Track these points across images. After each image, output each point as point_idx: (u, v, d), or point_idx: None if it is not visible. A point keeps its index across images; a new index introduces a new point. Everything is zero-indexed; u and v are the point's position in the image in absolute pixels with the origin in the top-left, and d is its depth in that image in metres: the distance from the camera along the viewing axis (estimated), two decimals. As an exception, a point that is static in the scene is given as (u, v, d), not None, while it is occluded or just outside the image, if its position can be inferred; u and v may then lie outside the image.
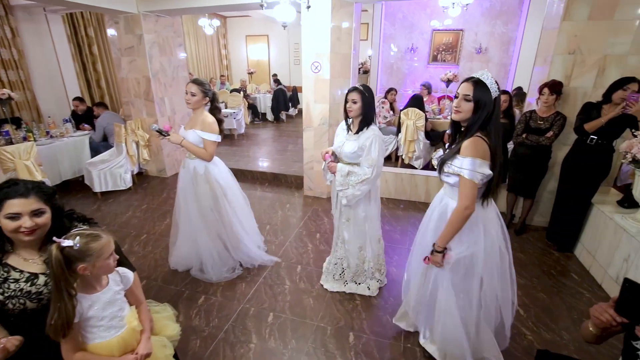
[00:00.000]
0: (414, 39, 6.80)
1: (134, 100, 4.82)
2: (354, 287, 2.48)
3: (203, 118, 2.40)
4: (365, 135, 2.11)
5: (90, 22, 6.39)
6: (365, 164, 2.11)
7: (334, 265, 2.51)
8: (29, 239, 1.19)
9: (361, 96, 2.08)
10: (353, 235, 2.34)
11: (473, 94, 1.46)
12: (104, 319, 1.19)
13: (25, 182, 1.21)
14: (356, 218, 2.30)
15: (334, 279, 2.53)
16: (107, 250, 1.15)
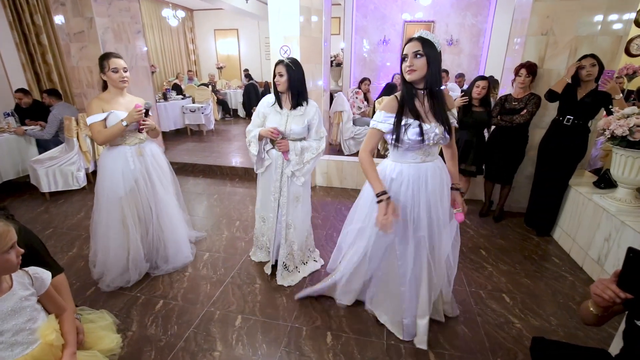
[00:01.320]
0: (386, 30, 6.72)
1: (86, 91, 4.39)
2: (306, 270, 2.42)
3: (131, 99, 2.20)
4: (311, 111, 2.13)
5: (37, 8, 5.81)
6: (316, 136, 2.16)
7: (286, 258, 2.32)
8: None
9: (287, 69, 2.03)
10: (303, 213, 2.30)
11: (422, 49, 1.43)
12: (3, 333, 0.91)
13: None
14: (305, 194, 2.28)
15: (288, 272, 2.35)
16: (2, 242, 0.87)
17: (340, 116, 4.75)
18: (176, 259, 2.45)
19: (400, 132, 1.53)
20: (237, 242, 2.81)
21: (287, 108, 2.13)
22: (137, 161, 2.22)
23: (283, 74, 2.04)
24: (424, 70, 1.45)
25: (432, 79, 1.48)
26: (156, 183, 2.32)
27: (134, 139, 2.20)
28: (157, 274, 2.39)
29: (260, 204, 2.37)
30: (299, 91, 2.09)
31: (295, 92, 2.08)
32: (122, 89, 2.14)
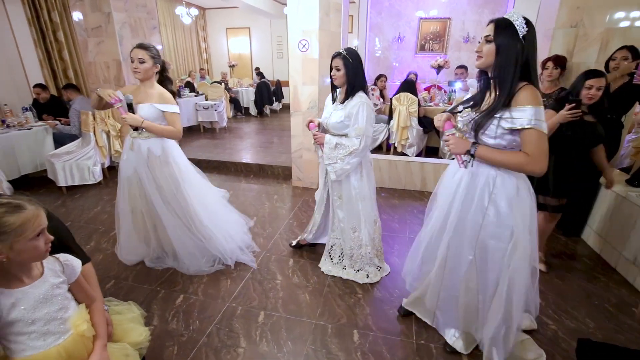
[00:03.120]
0: (401, 28, 6.63)
1: (103, 86, 4.38)
2: (352, 274, 2.26)
3: (158, 90, 2.09)
4: (352, 103, 1.95)
5: (54, 5, 5.85)
6: (353, 133, 1.97)
7: (331, 246, 2.31)
8: None
9: (344, 62, 1.91)
10: (346, 214, 2.16)
11: (494, 34, 1.24)
12: (35, 322, 0.87)
13: None
14: (348, 196, 2.13)
15: (331, 262, 2.32)
16: (31, 227, 0.83)
17: (356, 113, 4.67)
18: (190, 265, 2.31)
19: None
20: (255, 238, 2.76)
21: (338, 101, 2.04)
22: (130, 154, 2.15)
23: (340, 67, 1.92)
24: (491, 58, 1.27)
25: (498, 69, 1.26)
26: (147, 186, 2.15)
27: (131, 131, 2.14)
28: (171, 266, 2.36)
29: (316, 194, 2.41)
30: (355, 85, 1.95)
31: (351, 86, 1.95)
32: (138, 79, 2.07)
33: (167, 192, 2.18)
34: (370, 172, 2.17)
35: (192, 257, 2.30)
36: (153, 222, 2.26)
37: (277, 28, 9.60)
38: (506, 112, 1.26)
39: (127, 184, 2.19)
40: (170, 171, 2.19)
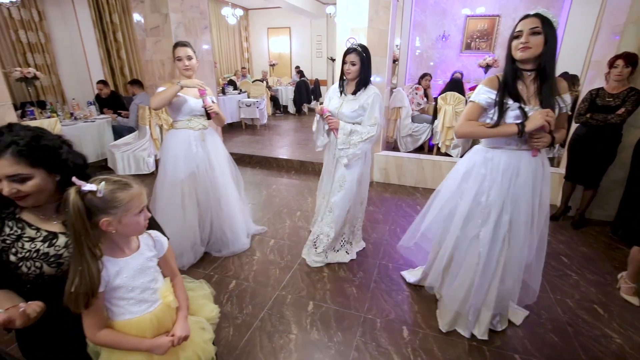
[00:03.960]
0: (446, 26, 6.45)
1: (158, 83, 4.63)
2: (335, 257, 2.40)
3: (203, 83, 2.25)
4: (366, 94, 2.09)
5: (115, 8, 6.32)
6: (368, 122, 2.09)
7: (317, 236, 2.37)
8: (22, 204, 0.97)
9: (360, 57, 2.03)
10: (345, 199, 2.25)
11: (542, 27, 1.33)
12: (134, 289, 0.96)
13: (12, 133, 0.90)
14: (352, 180, 2.22)
15: (315, 252, 2.38)
16: (136, 204, 0.92)
17: (399, 112, 4.63)
18: (234, 245, 2.49)
19: (502, 112, 1.44)
20: (300, 232, 2.83)
21: (348, 93, 2.15)
22: (200, 146, 2.28)
23: (356, 62, 2.04)
24: (539, 49, 1.36)
25: (546, 59, 1.37)
26: (216, 170, 2.36)
27: (198, 124, 2.26)
28: (218, 255, 2.47)
29: (320, 183, 2.49)
30: (367, 78, 2.09)
31: (363, 79, 2.08)
32: (188, 77, 2.18)
33: (228, 171, 2.45)
34: (369, 159, 2.33)
35: (235, 233, 2.49)
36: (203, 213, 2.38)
37: (317, 28, 9.69)
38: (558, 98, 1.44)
39: (188, 181, 2.27)
40: (224, 148, 2.49)
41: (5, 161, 0.88)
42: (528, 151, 1.51)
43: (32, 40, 5.39)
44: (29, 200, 0.94)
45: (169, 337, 0.99)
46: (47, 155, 0.94)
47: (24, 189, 0.91)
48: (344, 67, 2.07)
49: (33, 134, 0.93)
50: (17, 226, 0.98)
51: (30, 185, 0.92)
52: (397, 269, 2.33)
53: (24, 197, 0.93)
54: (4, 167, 0.88)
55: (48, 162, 0.95)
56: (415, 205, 3.37)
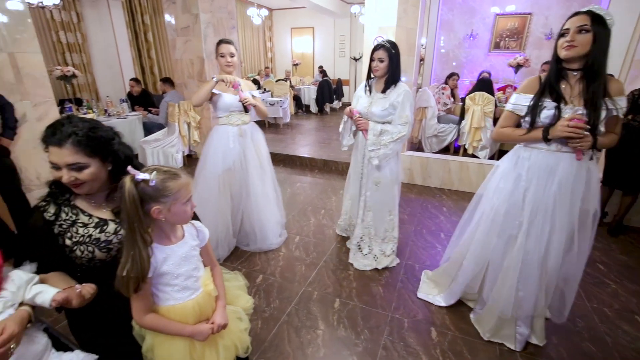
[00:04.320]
0: (474, 25, 6.29)
1: (187, 82, 4.80)
2: (385, 261, 2.32)
3: (244, 81, 2.35)
4: (396, 92, 2.03)
5: (146, 9, 6.56)
6: (399, 121, 2.04)
7: (360, 237, 2.33)
8: (81, 191, 1.02)
9: (388, 54, 1.98)
10: (382, 200, 2.22)
11: (591, 25, 1.28)
12: (179, 277, 0.99)
13: (72, 124, 0.96)
14: (385, 181, 2.19)
15: (362, 255, 2.35)
16: (185, 194, 0.95)
17: (424, 112, 4.56)
18: (262, 242, 2.52)
19: (535, 114, 1.41)
20: (324, 229, 2.84)
21: (377, 91, 2.11)
22: (237, 142, 2.34)
23: (384, 59, 2.00)
24: (586, 48, 1.30)
25: (594, 59, 1.31)
26: (250, 166, 2.40)
27: (237, 120, 2.31)
28: (246, 250, 2.51)
29: (347, 184, 2.48)
30: (396, 75, 2.05)
31: (392, 77, 2.04)
32: (229, 73, 2.24)
33: (264, 168, 2.47)
34: (400, 157, 2.28)
35: (264, 230, 2.50)
36: (241, 204, 2.43)
37: (341, 27, 9.69)
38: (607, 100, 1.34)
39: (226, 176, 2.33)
40: (266, 147, 2.52)
41: (67, 150, 0.94)
42: (570, 153, 1.43)
43: (71, 41, 5.66)
44: (84, 187, 0.99)
45: (209, 324, 1.02)
46: (102, 145, 1.00)
47: (81, 177, 0.96)
48: (372, 64, 2.04)
49: (90, 125, 0.99)
50: (72, 212, 1.04)
51: (86, 174, 0.97)
52: (423, 269, 2.30)
53: (80, 185, 0.98)
54: (65, 156, 0.94)
55: (103, 152, 1.00)
56: (441, 207, 3.31)
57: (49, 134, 0.95)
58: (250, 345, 1.16)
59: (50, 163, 0.96)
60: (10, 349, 0.80)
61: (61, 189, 1.05)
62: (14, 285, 0.89)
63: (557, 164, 1.45)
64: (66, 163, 0.94)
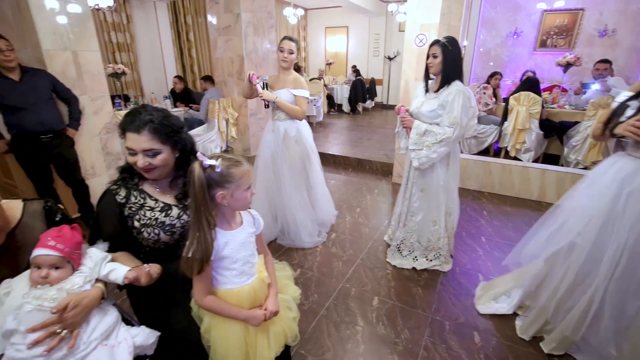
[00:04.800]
0: (519, 22, 6.02)
1: (227, 79, 4.96)
2: (425, 263, 2.26)
3: (295, 77, 2.35)
4: (447, 91, 1.91)
5: (189, 10, 6.84)
6: (446, 122, 1.90)
7: (401, 241, 2.27)
8: (151, 177, 1.08)
9: (442, 49, 1.89)
10: (428, 207, 2.12)
11: None
12: (237, 261, 1.03)
13: (148, 112, 1.04)
14: (432, 188, 2.08)
15: (401, 255, 2.31)
16: (246, 180, 0.99)
17: (464, 112, 4.41)
18: (296, 240, 2.54)
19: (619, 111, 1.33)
20: (360, 227, 2.83)
21: (432, 91, 2.04)
22: (271, 136, 2.41)
23: (437, 55, 1.91)
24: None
25: None
26: (282, 162, 2.40)
27: (275, 114, 2.39)
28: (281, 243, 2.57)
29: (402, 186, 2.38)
30: (450, 74, 1.93)
31: (446, 75, 1.93)
32: (283, 68, 2.33)
33: (296, 168, 2.44)
34: (456, 164, 2.11)
35: (310, 232, 2.52)
36: (281, 199, 2.48)
37: (376, 26, 9.60)
38: None
39: (264, 166, 2.44)
40: (302, 149, 2.45)
41: (144, 137, 1.00)
42: None
43: (120, 41, 6.01)
44: (155, 172, 1.06)
45: (262, 311, 1.05)
46: (173, 133, 1.06)
47: (154, 162, 1.03)
48: (427, 61, 1.98)
49: (163, 114, 1.05)
50: (140, 196, 1.11)
51: (159, 159, 1.03)
52: (464, 273, 2.24)
53: (152, 170, 1.05)
54: (142, 142, 1.00)
55: (173, 140, 1.06)
56: (481, 210, 3.20)
57: (127, 121, 1.02)
58: (298, 334, 1.19)
59: (127, 148, 1.03)
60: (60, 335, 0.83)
61: (131, 174, 1.12)
62: (91, 261, 0.96)
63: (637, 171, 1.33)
64: (142, 149, 1.01)
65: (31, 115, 2.36)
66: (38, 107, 2.40)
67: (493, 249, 2.53)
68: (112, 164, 3.29)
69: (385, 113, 8.86)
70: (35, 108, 2.38)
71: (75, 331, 0.85)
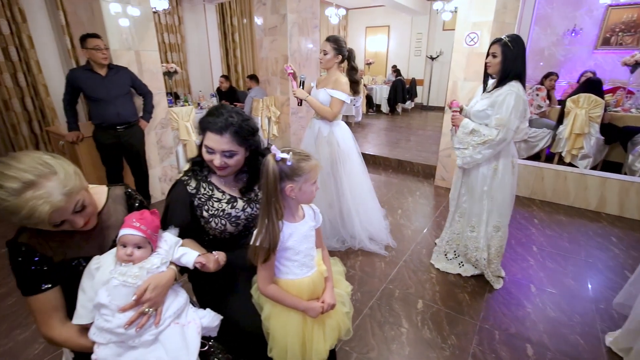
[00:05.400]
0: (578, 18, 5.61)
1: (270, 79, 5.09)
2: (471, 270, 2.18)
3: (336, 77, 2.31)
4: (500, 91, 1.82)
5: (235, 11, 7.10)
6: (493, 123, 1.82)
7: (446, 242, 2.21)
8: (223, 174, 1.15)
9: (502, 49, 1.79)
10: (467, 212, 2.08)
11: None
12: (299, 253, 1.07)
13: (229, 114, 1.10)
14: (474, 190, 2.00)
15: (446, 259, 2.27)
16: (314, 175, 1.02)
17: (514, 114, 4.20)
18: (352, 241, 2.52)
19: None
20: (403, 229, 2.80)
21: (487, 91, 1.95)
22: (309, 133, 2.47)
23: (497, 54, 1.82)
24: None
25: None
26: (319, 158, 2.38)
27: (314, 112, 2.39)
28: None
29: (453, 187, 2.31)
30: (509, 74, 1.82)
31: (505, 75, 1.83)
32: (322, 69, 2.40)
33: (324, 169, 2.41)
34: (508, 172, 1.95)
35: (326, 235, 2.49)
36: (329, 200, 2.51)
37: (418, 25, 9.38)
38: None
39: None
40: (331, 151, 2.40)
41: (225, 139, 1.08)
42: None
43: (172, 41, 6.37)
44: (227, 170, 1.13)
45: (320, 303, 1.08)
46: (249, 137, 1.13)
47: (229, 163, 1.11)
48: (486, 59, 1.90)
49: (242, 118, 1.12)
50: (208, 187, 1.18)
51: (234, 160, 1.11)
52: (515, 283, 2.14)
53: (225, 168, 1.12)
54: (223, 144, 1.08)
55: (248, 142, 1.14)
56: (531, 218, 3.03)
57: (210, 122, 1.09)
58: (351, 329, 1.20)
59: (205, 147, 1.10)
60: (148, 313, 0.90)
61: (200, 167, 1.20)
62: (166, 244, 1.04)
63: None
64: (222, 150, 1.08)
65: (111, 107, 2.63)
66: (118, 100, 2.67)
67: (545, 259, 2.39)
68: (164, 157, 3.51)
69: (425, 114, 8.64)
70: (116, 101, 2.66)
71: (158, 309, 0.93)
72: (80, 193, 0.88)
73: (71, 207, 0.85)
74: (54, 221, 0.83)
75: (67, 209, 0.84)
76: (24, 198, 0.77)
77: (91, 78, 2.58)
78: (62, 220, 0.86)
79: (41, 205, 0.78)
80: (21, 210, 0.77)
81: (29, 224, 0.84)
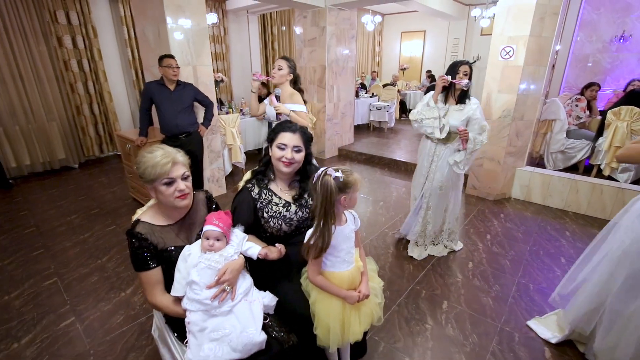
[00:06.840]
0: (628, 24, 5.40)
1: (308, 87, 5.38)
2: (433, 250, 2.65)
3: (291, 92, 2.55)
4: (469, 107, 2.29)
5: (275, 21, 7.49)
6: (480, 130, 2.29)
7: (419, 234, 2.62)
8: (287, 170, 1.41)
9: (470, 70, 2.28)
10: (441, 201, 2.53)
11: None
12: (341, 251, 1.30)
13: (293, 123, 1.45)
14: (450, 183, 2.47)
15: (416, 246, 2.65)
16: (357, 186, 1.25)
17: (551, 125, 4.19)
18: None
19: None
20: (431, 235, 2.95)
21: (450, 104, 2.36)
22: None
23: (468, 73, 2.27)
24: None
25: None
26: None
27: None
28: None
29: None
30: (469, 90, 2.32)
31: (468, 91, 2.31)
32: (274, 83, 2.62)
33: None
34: None
35: None
36: None
37: (455, 30, 9.32)
38: None
39: None
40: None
41: (297, 136, 1.40)
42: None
43: (218, 51, 6.86)
44: (292, 166, 1.41)
45: (357, 292, 1.31)
46: (309, 142, 1.46)
47: (296, 158, 1.40)
48: (456, 77, 2.26)
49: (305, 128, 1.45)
50: (268, 194, 1.45)
51: (300, 156, 1.41)
52: (539, 291, 2.24)
53: (292, 164, 1.40)
54: (294, 140, 1.39)
55: (308, 146, 1.45)
56: (563, 230, 3.07)
57: (285, 126, 1.43)
58: (382, 317, 1.42)
59: (278, 145, 1.40)
60: (226, 290, 1.19)
61: (262, 175, 1.48)
62: (237, 238, 1.32)
63: None
64: (294, 145, 1.39)
65: (171, 119, 3.03)
66: (180, 113, 3.06)
67: (574, 271, 2.45)
68: (213, 160, 3.89)
69: (459, 120, 8.57)
70: (177, 114, 3.05)
71: (233, 287, 1.21)
72: (187, 168, 1.27)
73: (181, 172, 1.23)
74: (170, 175, 1.19)
75: (179, 170, 1.22)
76: (161, 153, 1.19)
77: (161, 91, 2.99)
78: (172, 179, 1.20)
79: (167, 159, 1.18)
80: (155, 159, 1.17)
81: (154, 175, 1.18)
